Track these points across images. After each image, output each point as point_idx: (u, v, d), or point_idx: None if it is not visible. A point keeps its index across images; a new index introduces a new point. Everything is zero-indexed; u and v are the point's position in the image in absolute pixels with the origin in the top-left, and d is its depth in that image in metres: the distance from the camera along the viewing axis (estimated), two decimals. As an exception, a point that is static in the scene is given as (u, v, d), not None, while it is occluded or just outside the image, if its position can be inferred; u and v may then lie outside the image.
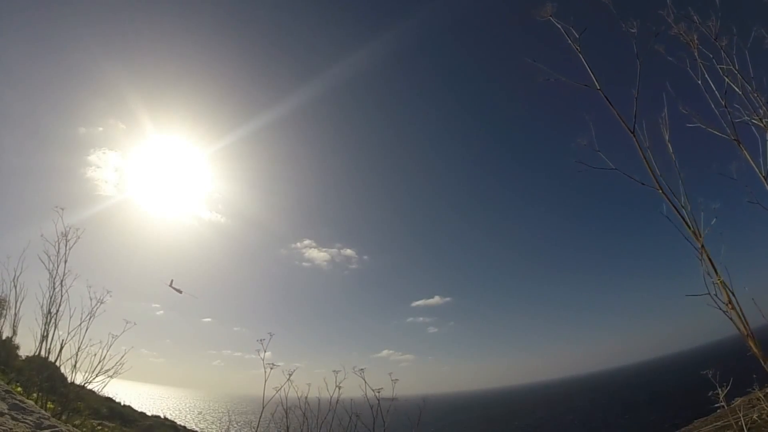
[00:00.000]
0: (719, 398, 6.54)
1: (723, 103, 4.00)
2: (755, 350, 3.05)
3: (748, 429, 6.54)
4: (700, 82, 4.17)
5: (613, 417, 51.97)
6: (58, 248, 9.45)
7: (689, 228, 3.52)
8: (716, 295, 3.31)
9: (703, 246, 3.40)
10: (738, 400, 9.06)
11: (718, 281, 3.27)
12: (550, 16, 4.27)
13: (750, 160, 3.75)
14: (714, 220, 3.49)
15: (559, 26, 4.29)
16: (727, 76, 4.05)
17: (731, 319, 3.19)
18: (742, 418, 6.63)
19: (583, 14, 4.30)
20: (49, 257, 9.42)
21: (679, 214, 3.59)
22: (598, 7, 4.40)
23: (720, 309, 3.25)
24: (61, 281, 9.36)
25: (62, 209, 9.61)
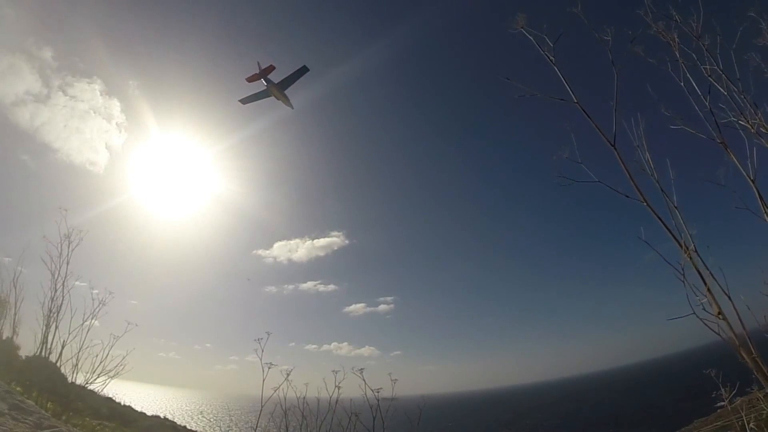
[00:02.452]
0: (723, 398, 6.52)
1: (707, 105, 3.85)
2: (747, 360, 3.01)
3: (749, 429, 6.53)
4: (682, 83, 4.03)
5: (615, 418, 51.89)
6: (61, 249, 9.43)
7: (675, 241, 3.44)
8: (703, 309, 3.24)
9: (689, 259, 3.33)
10: (738, 400, 9.04)
11: (708, 295, 3.20)
12: (522, 27, 4.21)
13: (737, 163, 3.64)
14: (692, 244, 3.40)
15: (531, 38, 4.21)
16: (710, 77, 3.90)
17: (718, 333, 3.14)
18: (744, 418, 6.62)
19: (558, 25, 4.22)
20: (51, 258, 9.40)
21: (665, 226, 3.50)
22: (573, 18, 4.30)
23: (706, 325, 3.20)
24: (63, 282, 9.32)
25: (66, 210, 9.59)
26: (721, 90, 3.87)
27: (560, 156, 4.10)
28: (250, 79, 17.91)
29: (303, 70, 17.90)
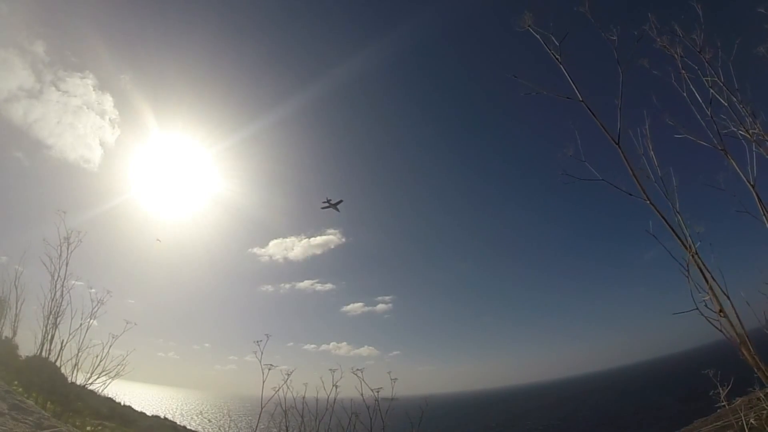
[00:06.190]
0: (720, 398, 6.54)
1: (709, 114, 4.06)
2: (748, 358, 3.05)
3: (749, 429, 6.53)
4: (685, 94, 4.24)
5: (613, 419, 51.92)
6: (60, 251, 9.57)
7: (679, 240, 3.55)
8: (706, 305, 3.34)
9: (691, 258, 3.42)
10: (738, 400, 9.03)
11: (710, 293, 3.26)
12: (529, 26, 4.30)
13: (737, 169, 3.81)
14: (698, 243, 3.51)
15: (538, 37, 4.31)
16: (712, 88, 4.11)
17: (721, 330, 3.20)
18: (743, 418, 6.62)
19: (565, 24, 4.30)
20: (51, 260, 9.54)
21: (668, 225, 3.62)
22: (580, 17, 4.44)
23: (709, 321, 3.27)
24: (62, 283, 9.46)
25: (64, 212, 9.75)
26: (722, 101, 4.06)
27: (564, 154, 4.24)
28: (324, 203, 38.74)
29: (341, 201, 39.13)
